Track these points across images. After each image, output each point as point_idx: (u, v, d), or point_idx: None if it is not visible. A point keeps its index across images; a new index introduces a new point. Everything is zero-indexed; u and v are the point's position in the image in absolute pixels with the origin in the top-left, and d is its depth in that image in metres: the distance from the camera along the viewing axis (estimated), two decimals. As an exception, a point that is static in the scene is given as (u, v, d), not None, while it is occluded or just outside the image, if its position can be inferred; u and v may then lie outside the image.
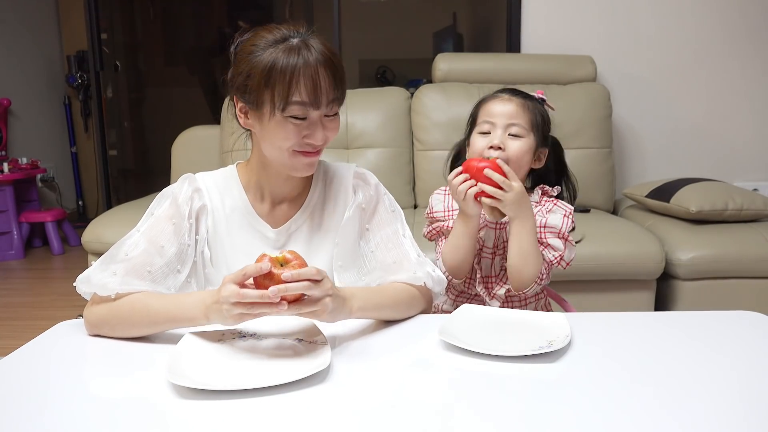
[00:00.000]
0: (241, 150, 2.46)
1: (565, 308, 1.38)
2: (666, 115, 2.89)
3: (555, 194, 1.25)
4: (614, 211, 2.60)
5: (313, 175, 1.16)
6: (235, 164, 1.17)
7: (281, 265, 0.85)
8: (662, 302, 2.08)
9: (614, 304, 2.02)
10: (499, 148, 1.15)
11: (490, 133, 1.17)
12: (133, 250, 1.02)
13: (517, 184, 1.09)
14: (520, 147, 1.16)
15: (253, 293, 0.83)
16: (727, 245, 2.00)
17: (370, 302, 0.99)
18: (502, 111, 1.17)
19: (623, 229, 2.11)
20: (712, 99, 2.88)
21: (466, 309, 1.05)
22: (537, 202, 1.22)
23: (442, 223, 1.25)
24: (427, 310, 1.09)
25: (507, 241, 1.20)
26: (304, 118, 1.00)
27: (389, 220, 1.14)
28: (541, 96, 1.23)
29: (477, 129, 1.20)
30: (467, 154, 1.24)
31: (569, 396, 0.75)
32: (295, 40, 0.99)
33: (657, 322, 1.02)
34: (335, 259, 1.11)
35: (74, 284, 1.00)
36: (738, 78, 2.86)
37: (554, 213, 1.20)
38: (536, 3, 2.87)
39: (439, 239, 1.27)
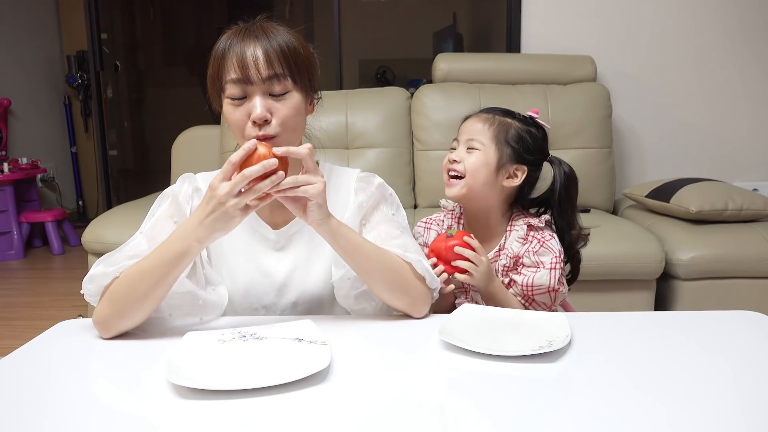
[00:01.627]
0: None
1: (565, 308, 1.38)
2: (666, 115, 2.89)
3: (542, 225, 1.19)
4: (614, 211, 2.60)
5: None
6: None
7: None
8: (662, 302, 2.08)
9: (614, 304, 2.02)
10: (455, 161, 1.18)
11: (455, 149, 1.21)
12: (134, 249, 1.01)
13: (485, 259, 1.12)
14: (474, 160, 1.16)
15: (256, 167, 0.83)
16: (727, 245, 2.00)
17: (352, 233, 0.99)
18: (466, 128, 1.20)
19: (623, 229, 2.11)
20: (712, 99, 2.88)
21: (466, 309, 1.05)
22: (524, 239, 1.18)
23: None
24: (420, 304, 1.03)
25: (504, 272, 1.19)
26: (243, 98, 0.99)
27: (388, 219, 1.12)
28: (533, 114, 1.21)
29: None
30: None
31: (569, 396, 0.75)
32: (243, 28, 1.01)
33: (657, 322, 1.02)
34: (334, 255, 1.07)
35: (81, 291, 1.00)
36: (738, 78, 2.86)
37: (541, 261, 1.15)
38: (536, 3, 2.87)
39: None
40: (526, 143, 1.19)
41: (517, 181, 1.19)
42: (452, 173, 1.18)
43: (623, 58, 2.86)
